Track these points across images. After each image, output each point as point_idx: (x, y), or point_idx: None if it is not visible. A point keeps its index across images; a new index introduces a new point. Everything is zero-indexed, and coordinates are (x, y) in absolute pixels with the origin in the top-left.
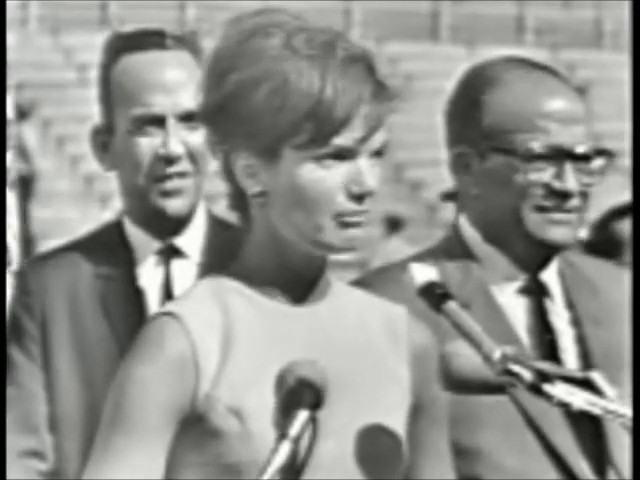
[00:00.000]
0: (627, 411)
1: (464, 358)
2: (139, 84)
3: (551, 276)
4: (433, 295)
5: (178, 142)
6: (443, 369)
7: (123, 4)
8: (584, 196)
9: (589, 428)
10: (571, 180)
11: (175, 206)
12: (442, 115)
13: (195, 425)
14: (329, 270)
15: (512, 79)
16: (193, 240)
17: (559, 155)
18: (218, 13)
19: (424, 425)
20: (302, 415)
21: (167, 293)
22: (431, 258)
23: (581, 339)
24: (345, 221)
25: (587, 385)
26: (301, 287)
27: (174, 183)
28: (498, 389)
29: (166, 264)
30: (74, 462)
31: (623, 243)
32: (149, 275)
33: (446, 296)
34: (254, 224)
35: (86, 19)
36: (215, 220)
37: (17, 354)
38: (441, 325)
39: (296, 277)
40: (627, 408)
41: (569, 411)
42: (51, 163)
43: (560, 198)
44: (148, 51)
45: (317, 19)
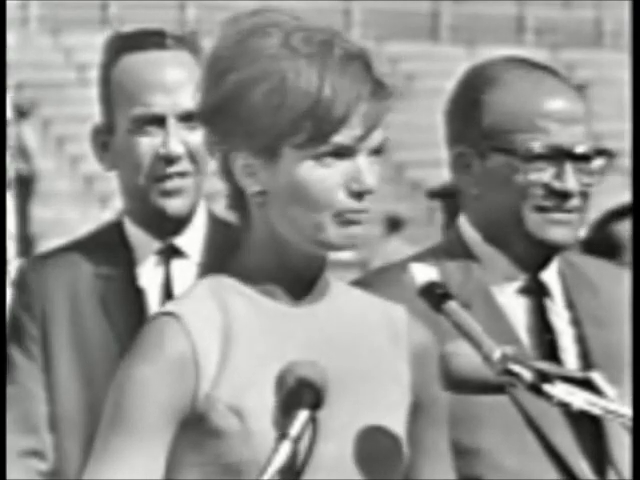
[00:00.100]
0: (627, 411)
1: (464, 358)
2: (139, 84)
3: (551, 276)
4: (433, 295)
5: (178, 142)
6: (443, 369)
7: (123, 4)
8: (584, 196)
9: (589, 428)
10: (571, 180)
11: (175, 206)
12: (442, 115)
13: (195, 425)
14: (329, 270)
15: (512, 79)
16: (193, 240)
17: (559, 155)
18: (218, 13)
19: (424, 425)
20: (302, 415)
21: (167, 293)
22: (431, 258)
23: (581, 339)
24: (345, 219)
25: (587, 385)
26: (301, 287)
27: (174, 183)
28: (498, 389)
29: (166, 264)
30: (74, 462)
31: (621, 244)
32: (149, 275)
33: (446, 296)
34: (253, 224)
35: (86, 19)
36: (215, 220)
37: (17, 354)
38: (441, 325)
39: (296, 276)
40: (627, 408)
41: (569, 411)
42: (51, 163)
43: (560, 198)
44: (148, 51)
45: (317, 19)
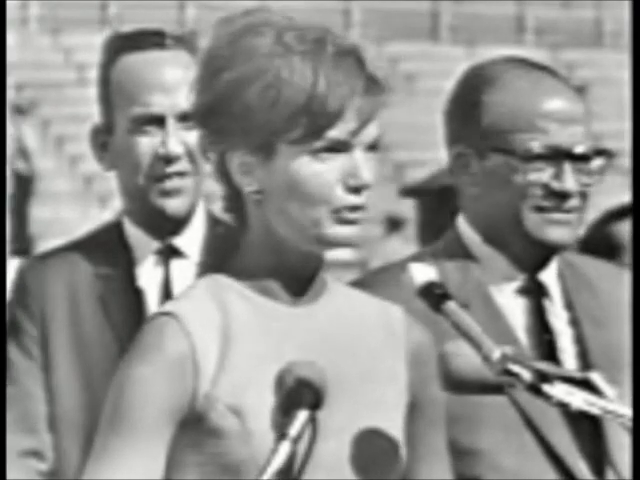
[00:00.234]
0: (626, 411)
1: (464, 358)
2: (138, 84)
3: (550, 276)
4: (432, 295)
5: (177, 142)
6: (443, 369)
7: (123, 4)
8: (583, 196)
9: (588, 428)
10: (570, 180)
11: (174, 206)
12: (441, 115)
13: (194, 424)
14: (330, 270)
15: (511, 79)
16: (192, 240)
17: (558, 155)
18: (218, 13)
19: (421, 424)
20: (302, 415)
21: (166, 293)
22: (430, 258)
23: (580, 339)
24: (343, 217)
25: (586, 385)
26: (298, 286)
27: (173, 183)
28: (497, 389)
29: (165, 264)
30: (73, 462)
31: (620, 245)
32: (148, 275)
33: (445, 296)
34: (250, 223)
35: (86, 19)
36: (214, 220)
37: (16, 354)
38: (440, 325)
39: (293, 275)
40: (627, 408)
41: (568, 411)
42: (50, 163)
43: (559, 198)
44: (147, 51)
45: (317, 19)
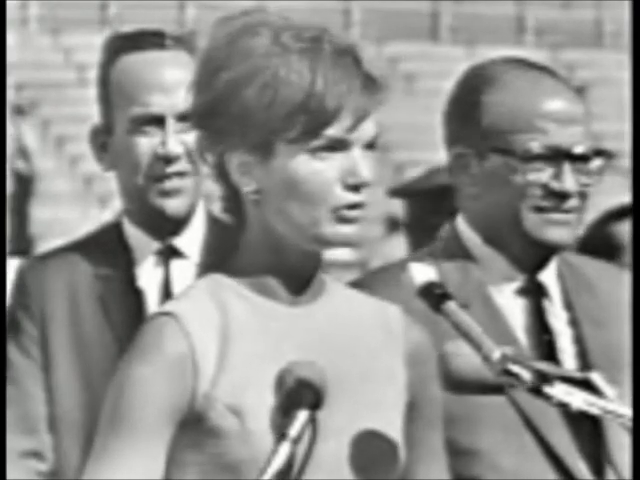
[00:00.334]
0: (626, 411)
1: (464, 358)
2: (138, 84)
3: (549, 277)
4: (432, 295)
5: (177, 142)
6: (442, 369)
7: (123, 4)
8: (582, 196)
9: (587, 428)
10: (569, 180)
11: (174, 206)
12: (441, 115)
13: (194, 424)
14: (330, 270)
15: (511, 79)
16: (192, 240)
17: (557, 155)
18: (218, 13)
19: (419, 424)
20: (302, 415)
21: (166, 293)
22: (429, 258)
23: (579, 339)
24: (342, 216)
25: (586, 385)
26: (297, 285)
27: (173, 183)
28: (497, 389)
29: (165, 264)
30: (73, 462)
31: (619, 245)
32: (148, 275)
33: (445, 296)
34: (249, 223)
35: (86, 19)
36: (214, 220)
37: (16, 354)
38: (440, 325)
39: (292, 275)
40: (626, 408)
41: (567, 411)
42: (50, 163)
43: (558, 198)
44: (147, 51)
45: (317, 19)
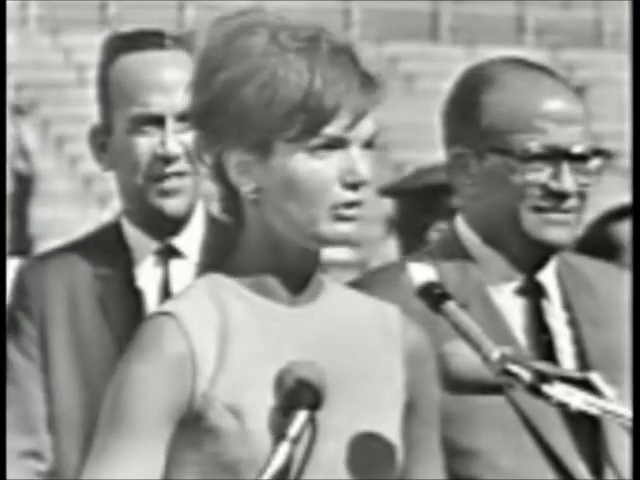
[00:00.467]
0: (626, 411)
1: (463, 358)
2: (137, 84)
3: (548, 277)
4: (432, 295)
5: (176, 142)
6: (442, 369)
7: (123, 4)
8: (581, 196)
9: (586, 429)
10: (568, 180)
11: (173, 206)
12: (439, 115)
13: (193, 424)
14: (329, 270)
15: (510, 79)
16: (191, 240)
17: (556, 155)
18: (217, 13)
19: (417, 424)
20: (301, 415)
21: (166, 293)
22: (428, 258)
23: (578, 340)
24: (340, 215)
25: (586, 385)
26: (295, 284)
27: (172, 183)
28: (497, 389)
29: (165, 264)
30: (73, 462)
31: (618, 245)
32: (147, 275)
33: (445, 296)
34: (248, 223)
35: (86, 19)
36: (213, 220)
37: (15, 354)
38: (439, 325)
39: (291, 275)
40: (626, 408)
41: (566, 412)
42: (50, 163)
43: (557, 198)
44: (146, 51)
45: (317, 19)
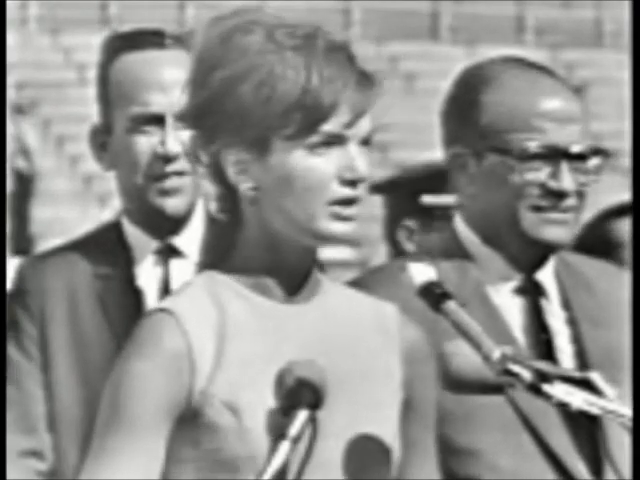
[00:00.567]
0: (626, 411)
1: (464, 358)
2: (137, 83)
3: (547, 276)
4: (432, 295)
5: (176, 141)
6: (442, 369)
7: (123, 4)
8: (580, 196)
9: (586, 429)
10: (567, 180)
11: (173, 205)
12: (438, 115)
13: (191, 420)
14: (329, 270)
15: (508, 79)
16: (191, 239)
17: (555, 154)
18: (218, 13)
19: (414, 422)
20: (302, 415)
21: (166, 292)
22: (427, 258)
23: (577, 339)
24: (337, 214)
25: (586, 385)
26: (293, 283)
27: (172, 182)
28: (497, 389)
29: (165, 264)
30: (73, 462)
31: (617, 244)
32: (147, 275)
33: (445, 296)
34: (246, 222)
35: (86, 19)
36: (213, 219)
37: (15, 354)
38: (439, 324)
39: (289, 273)
40: (626, 408)
41: (566, 411)
42: (50, 162)
43: (556, 198)
44: (146, 50)
45: (317, 18)
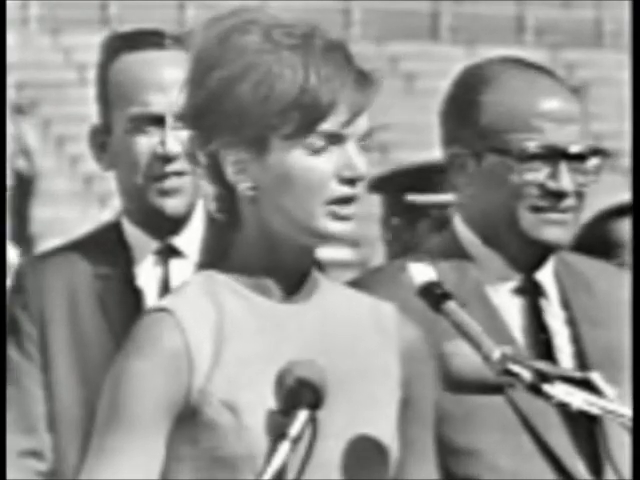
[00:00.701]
0: (626, 411)
1: (464, 358)
2: (137, 83)
3: (546, 276)
4: (432, 295)
5: (176, 141)
6: (442, 369)
7: (123, 4)
8: (579, 196)
9: (585, 429)
10: (566, 180)
11: (173, 205)
12: (437, 115)
13: (190, 419)
14: (329, 270)
15: (508, 79)
16: (191, 240)
17: (554, 155)
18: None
19: (412, 422)
20: (302, 415)
21: (165, 293)
22: (426, 258)
23: (576, 339)
24: (335, 213)
25: (586, 385)
26: (291, 282)
27: (172, 182)
28: (497, 389)
29: (164, 264)
30: (73, 462)
31: (615, 244)
32: (147, 275)
33: (445, 296)
34: (244, 222)
35: (86, 19)
36: (213, 219)
37: (15, 354)
38: (438, 325)
39: (287, 272)
40: (626, 408)
41: (565, 411)
42: (50, 163)
43: (555, 198)
44: (145, 50)
45: (317, 18)
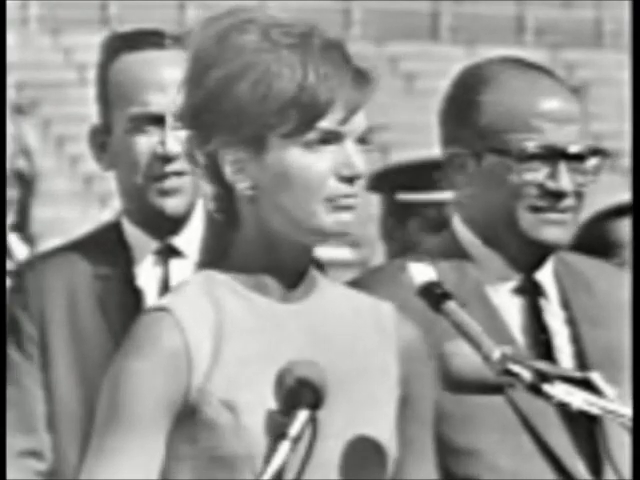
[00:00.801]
0: (626, 411)
1: (464, 358)
2: (137, 83)
3: (546, 276)
4: (432, 295)
5: (176, 141)
6: (442, 369)
7: (123, 4)
8: (579, 196)
9: (585, 429)
10: (565, 180)
11: (173, 205)
12: (437, 115)
13: (189, 418)
14: (329, 270)
15: (507, 79)
16: (191, 240)
17: (553, 155)
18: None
19: (411, 421)
20: (302, 415)
21: (165, 293)
22: (427, 258)
23: (576, 339)
24: (337, 204)
25: (586, 385)
26: (290, 281)
27: (172, 182)
28: (497, 389)
29: (164, 264)
30: (72, 461)
31: (614, 244)
32: (147, 275)
33: (445, 296)
34: (243, 221)
35: (86, 19)
36: (213, 219)
37: (15, 354)
38: (438, 325)
39: (285, 272)
40: (626, 408)
41: (565, 411)
42: (51, 163)
43: (554, 198)
44: (145, 50)
45: (317, 18)
